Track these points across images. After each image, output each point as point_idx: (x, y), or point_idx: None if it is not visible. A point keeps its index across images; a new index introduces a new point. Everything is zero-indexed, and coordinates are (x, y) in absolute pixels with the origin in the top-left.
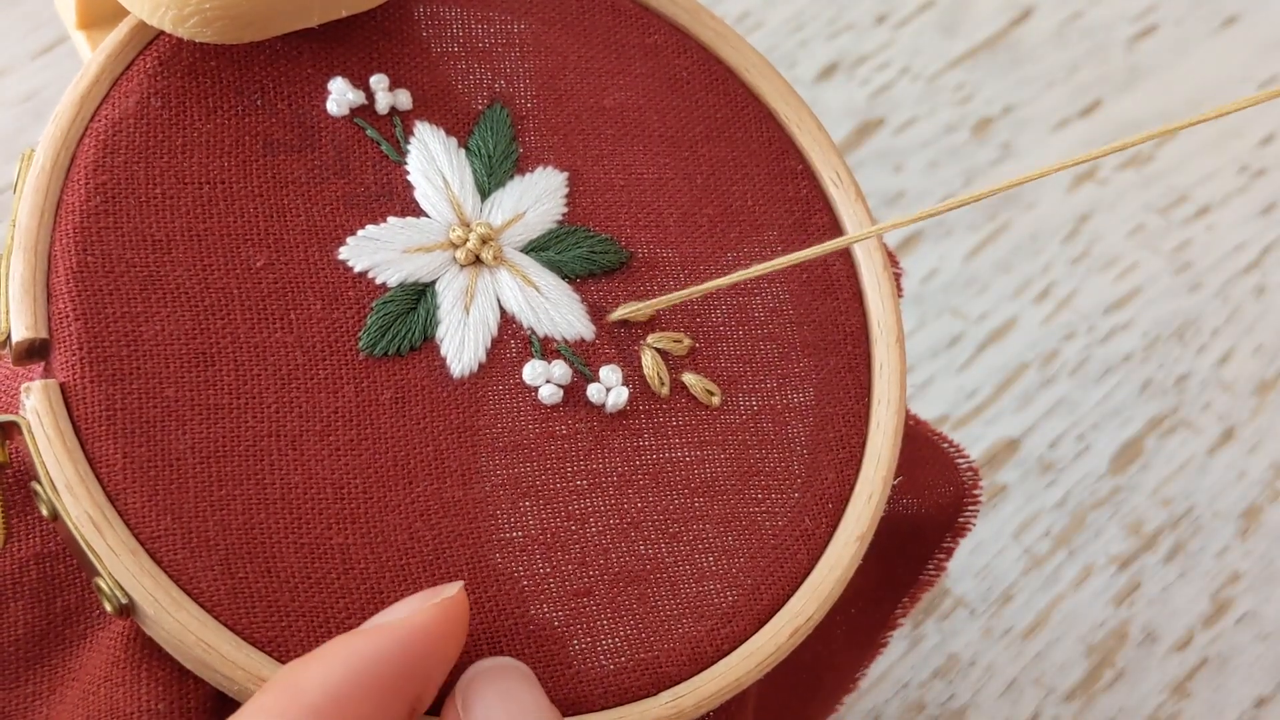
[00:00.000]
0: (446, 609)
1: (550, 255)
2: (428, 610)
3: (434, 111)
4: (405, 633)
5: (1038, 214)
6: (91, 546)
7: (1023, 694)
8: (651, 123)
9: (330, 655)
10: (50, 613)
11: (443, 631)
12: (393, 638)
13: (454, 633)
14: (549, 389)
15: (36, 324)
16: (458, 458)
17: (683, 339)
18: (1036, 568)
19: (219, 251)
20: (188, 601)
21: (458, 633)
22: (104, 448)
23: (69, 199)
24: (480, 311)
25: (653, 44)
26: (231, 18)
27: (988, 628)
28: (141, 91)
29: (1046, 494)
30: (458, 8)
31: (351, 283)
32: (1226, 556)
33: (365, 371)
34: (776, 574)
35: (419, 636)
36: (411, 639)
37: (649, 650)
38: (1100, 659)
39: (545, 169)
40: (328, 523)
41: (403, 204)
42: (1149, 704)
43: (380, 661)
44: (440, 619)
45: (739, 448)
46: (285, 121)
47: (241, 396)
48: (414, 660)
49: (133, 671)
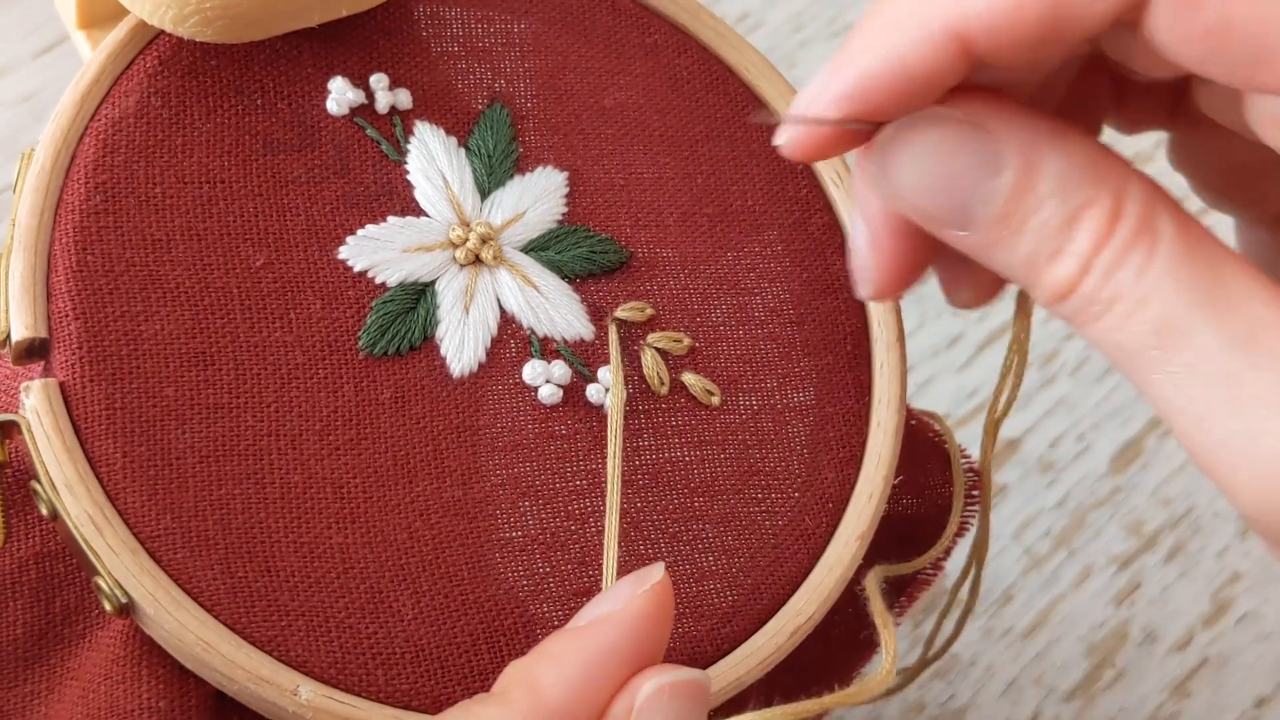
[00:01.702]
0: (659, 593)
1: (550, 255)
2: (643, 597)
3: (434, 111)
4: (627, 622)
5: None
6: (91, 546)
7: (1023, 694)
8: (652, 122)
9: (560, 653)
10: (50, 612)
11: (659, 616)
12: (618, 628)
13: (668, 616)
14: (548, 389)
15: (36, 323)
16: (457, 457)
17: (682, 339)
18: (1036, 568)
19: (219, 251)
20: (187, 600)
21: (670, 616)
22: (103, 447)
23: (69, 198)
24: (480, 311)
25: (653, 44)
26: (232, 17)
27: (988, 628)
28: (142, 91)
29: (1046, 494)
30: (458, 7)
31: (351, 282)
32: (1226, 556)
33: (365, 371)
34: (776, 574)
35: (639, 624)
36: (633, 627)
37: None
38: (1100, 659)
39: (545, 168)
40: (327, 522)
41: (403, 203)
42: (1149, 704)
43: (610, 653)
44: (656, 603)
45: (739, 447)
46: (285, 121)
47: (241, 396)
48: (639, 648)
49: (132, 670)
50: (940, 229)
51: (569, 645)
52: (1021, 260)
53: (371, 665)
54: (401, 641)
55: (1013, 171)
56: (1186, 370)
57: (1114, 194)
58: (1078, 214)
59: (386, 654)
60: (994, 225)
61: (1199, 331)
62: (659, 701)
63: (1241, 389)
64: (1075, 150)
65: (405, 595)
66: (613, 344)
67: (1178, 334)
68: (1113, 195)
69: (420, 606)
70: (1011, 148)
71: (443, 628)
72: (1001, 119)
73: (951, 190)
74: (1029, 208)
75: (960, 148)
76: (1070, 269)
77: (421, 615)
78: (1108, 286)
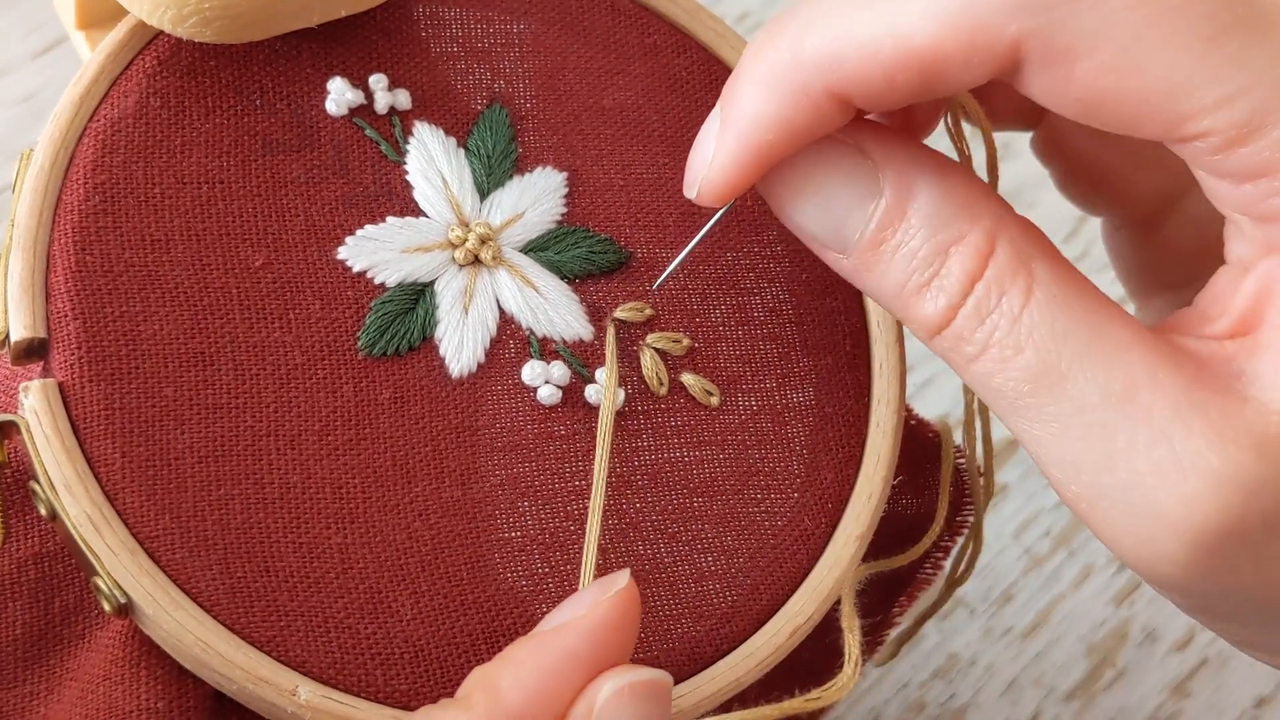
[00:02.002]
0: (623, 599)
1: (549, 255)
2: (605, 603)
3: (433, 111)
4: (588, 627)
5: (1038, 214)
6: (90, 546)
7: (1023, 694)
8: (651, 123)
9: (520, 658)
10: (49, 612)
11: (621, 623)
12: (578, 634)
13: (631, 622)
14: (548, 389)
15: (35, 323)
16: (456, 458)
17: (681, 339)
18: (1036, 568)
19: (218, 251)
20: (186, 601)
21: (634, 622)
22: (102, 447)
23: (68, 198)
24: (479, 311)
25: (652, 44)
26: (231, 18)
27: (988, 628)
28: (140, 91)
29: (1046, 494)
30: (457, 8)
31: (350, 282)
32: None
33: (364, 371)
34: (776, 574)
35: (601, 629)
36: (594, 632)
37: (648, 651)
38: (1100, 659)
39: (544, 169)
40: (326, 522)
41: (402, 204)
42: (1149, 704)
43: (569, 657)
44: (619, 610)
45: (738, 448)
46: (284, 121)
47: (240, 396)
48: (599, 653)
49: (131, 670)
50: (821, 250)
51: (529, 650)
52: (892, 289)
53: (370, 665)
54: (400, 642)
55: (887, 197)
56: (1062, 421)
57: (986, 232)
58: (947, 247)
59: (385, 654)
60: (867, 250)
61: (1077, 381)
62: (618, 702)
63: (1117, 442)
64: (952, 184)
65: (404, 595)
66: (609, 345)
67: (1055, 383)
68: (984, 233)
69: (419, 607)
70: (889, 174)
71: (442, 628)
72: (883, 146)
73: (829, 211)
74: (901, 236)
75: (840, 170)
76: (940, 304)
77: (420, 615)
78: (981, 328)
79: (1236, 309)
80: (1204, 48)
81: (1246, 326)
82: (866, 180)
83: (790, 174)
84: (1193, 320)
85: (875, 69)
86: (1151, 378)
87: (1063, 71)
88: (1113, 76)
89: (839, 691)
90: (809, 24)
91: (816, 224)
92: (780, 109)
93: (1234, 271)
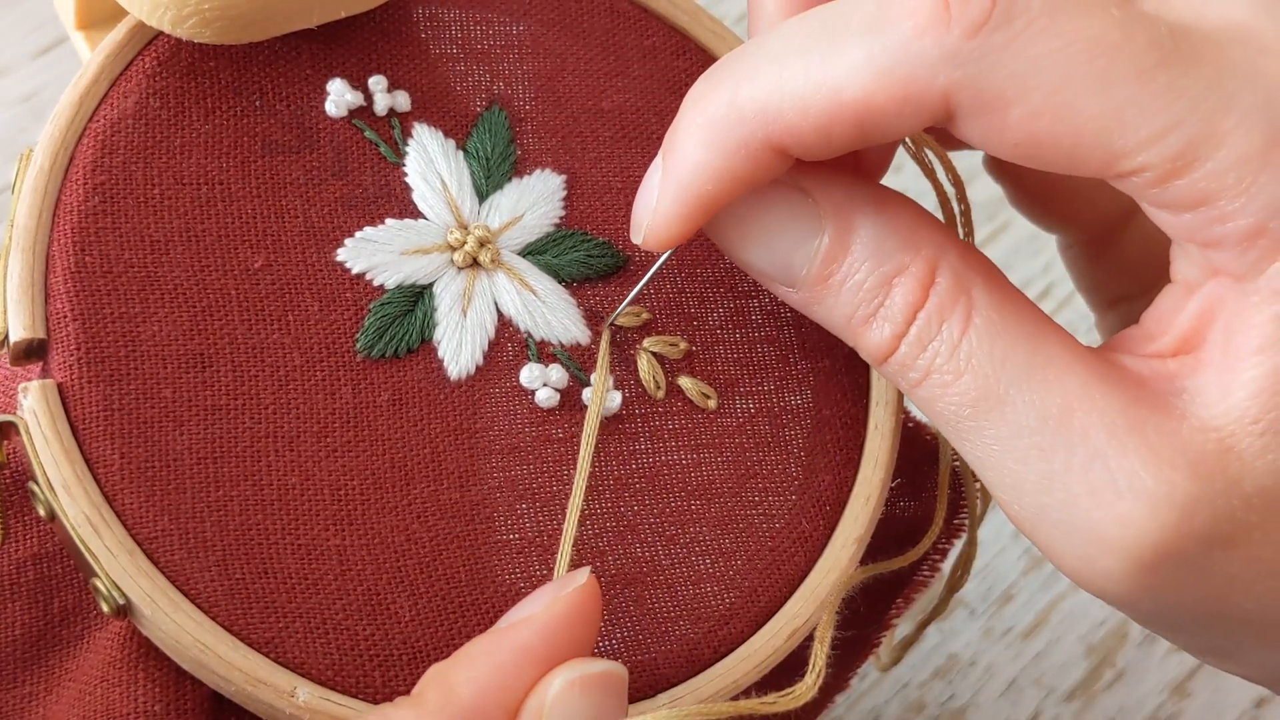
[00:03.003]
0: (580, 597)
1: (547, 259)
2: (561, 601)
3: (432, 113)
4: (543, 623)
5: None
6: (89, 547)
7: (1023, 694)
8: (650, 125)
9: (474, 655)
10: (47, 613)
11: (578, 620)
12: (531, 631)
13: (589, 620)
14: (545, 392)
15: (34, 324)
16: (455, 460)
17: (679, 342)
18: (1036, 568)
19: (217, 252)
20: (185, 602)
21: (593, 620)
22: (101, 448)
23: (67, 199)
24: (477, 314)
25: (651, 46)
26: (230, 18)
27: (988, 628)
28: (140, 92)
29: None
30: (457, 9)
31: (349, 284)
32: None
33: (363, 373)
34: (774, 576)
35: (556, 626)
36: (549, 629)
37: (646, 652)
38: (1100, 659)
39: (543, 171)
40: (325, 524)
41: (401, 206)
42: (1149, 704)
43: (522, 653)
44: (576, 608)
45: (736, 450)
46: (284, 122)
47: (239, 397)
48: (553, 651)
49: (129, 672)
50: (771, 284)
51: (484, 646)
52: (840, 320)
53: (369, 667)
54: (399, 643)
55: (828, 235)
56: (1002, 443)
57: (927, 262)
58: (889, 279)
59: (384, 656)
60: (814, 285)
61: (1015, 405)
62: (569, 695)
63: (1054, 464)
64: (892, 217)
65: (402, 597)
66: (603, 349)
67: (994, 407)
68: (925, 263)
69: (418, 608)
70: (829, 212)
71: (440, 630)
72: (823, 184)
73: (775, 250)
74: (845, 270)
75: (782, 211)
76: (885, 333)
77: (419, 617)
78: (923, 355)
79: (1180, 328)
80: (1135, 85)
81: (1189, 345)
82: (809, 219)
83: (735, 216)
84: (1138, 338)
85: (809, 124)
86: (1088, 399)
87: (996, 119)
88: (1045, 120)
89: (794, 701)
90: (745, 76)
91: (764, 262)
92: (720, 161)
93: (1179, 291)
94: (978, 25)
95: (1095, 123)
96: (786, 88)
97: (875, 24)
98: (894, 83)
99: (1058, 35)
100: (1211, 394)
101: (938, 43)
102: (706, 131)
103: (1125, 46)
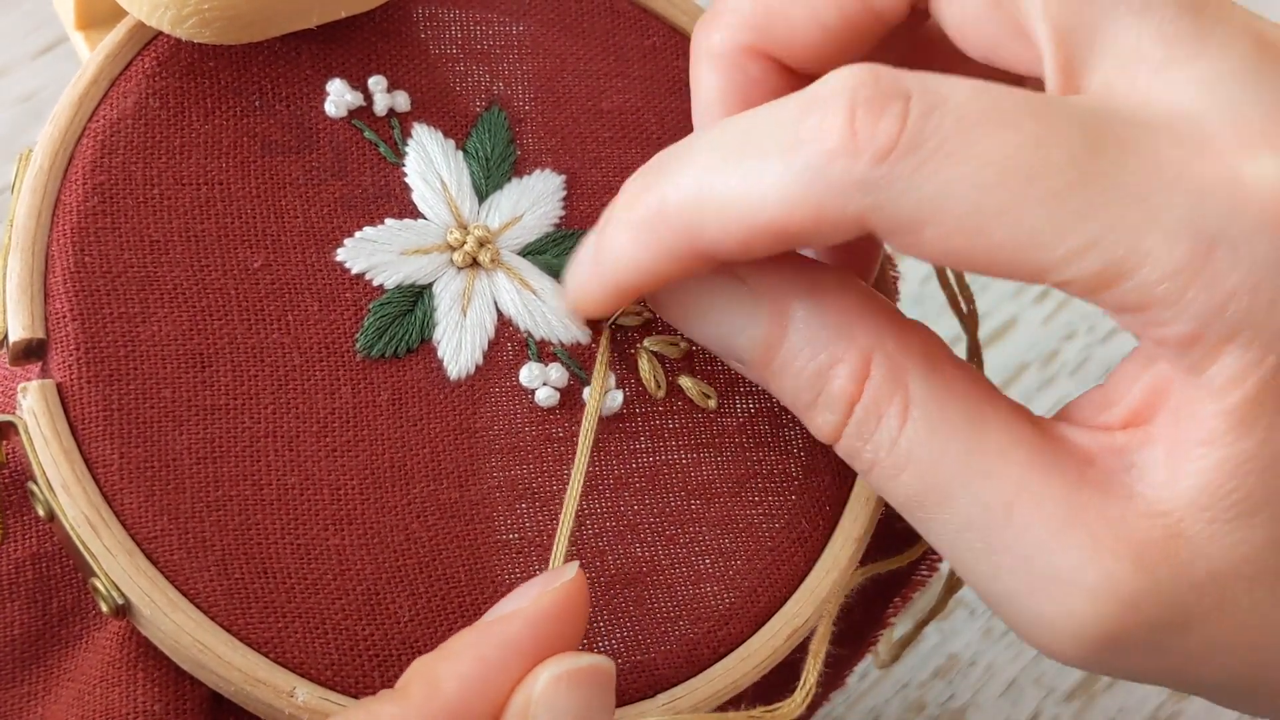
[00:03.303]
0: (568, 591)
1: (547, 259)
2: (548, 595)
3: (432, 113)
4: (529, 618)
5: None
6: (88, 547)
7: (1023, 694)
8: (650, 125)
9: (459, 649)
10: (46, 613)
11: (565, 615)
12: (517, 625)
13: (577, 615)
14: (545, 392)
15: (34, 324)
16: (454, 459)
17: (679, 342)
18: None
19: (216, 252)
20: (184, 602)
21: (580, 615)
22: (101, 448)
23: (67, 199)
24: (477, 314)
25: (651, 46)
26: (230, 18)
27: (988, 628)
28: (140, 92)
29: None
30: (457, 9)
31: (349, 284)
32: None
33: (362, 373)
34: (773, 576)
35: (542, 620)
36: (535, 623)
37: (645, 652)
38: None
39: (543, 171)
40: (324, 524)
41: (400, 206)
42: (1149, 704)
43: (508, 648)
44: (562, 602)
45: (735, 450)
46: (283, 123)
47: (238, 397)
48: (539, 644)
49: (128, 672)
50: (725, 358)
51: (469, 641)
52: (790, 401)
53: (368, 667)
54: (398, 643)
55: (765, 324)
56: (951, 535)
57: (861, 353)
58: (826, 370)
59: (383, 656)
60: (759, 368)
61: (959, 500)
62: (555, 690)
63: (1000, 557)
64: (828, 306)
65: (402, 597)
66: (602, 348)
67: (940, 501)
68: (859, 354)
69: (417, 608)
70: (765, 300)
71: (440, 630)
72: (759, 270)
73: (717, 333)
74: (786, 355)
75: (719, 298)
76: (829, 420)
77: (418, 617)
78: (868, 447)
79: (1134, 399)
80: (1047, 207)
81: (1140, 418)
82: (746, 307)
83: (676, 300)
84: (1095, 403)
85: (730, 238)
86: (1027, 490)
87: (912, 239)
88: (961, 238)
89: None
90: (672, 184)
91: (709, 341)
92: (648, 261)
93: (1139, 360)
94: (885, 151)
95: (1012, 241)
96: (708, 201)
97: (789, 145)
98: (808, 206)
99: (968, 159)
100: (1159, 475)
101: (846, 170)
102: (637, 230)
103: (1038, 168)
